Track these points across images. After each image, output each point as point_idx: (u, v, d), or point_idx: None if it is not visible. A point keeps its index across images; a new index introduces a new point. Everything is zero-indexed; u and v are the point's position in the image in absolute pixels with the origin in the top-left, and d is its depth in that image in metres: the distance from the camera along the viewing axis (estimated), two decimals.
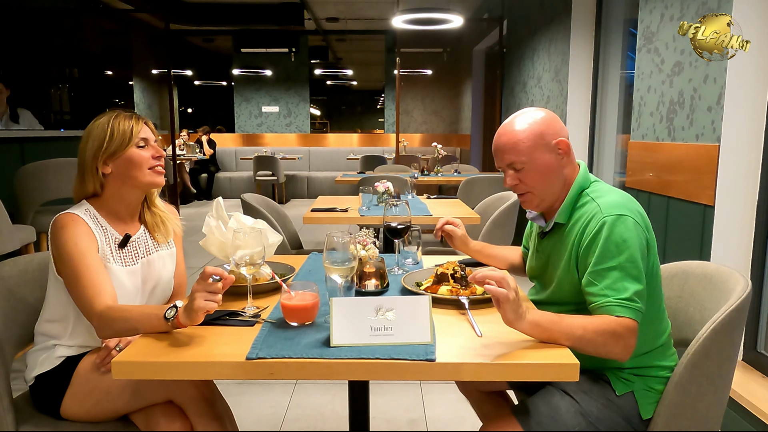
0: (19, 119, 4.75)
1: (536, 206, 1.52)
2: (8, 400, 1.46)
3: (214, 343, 1.23)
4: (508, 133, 1.48)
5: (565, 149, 1.46)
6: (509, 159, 1.47)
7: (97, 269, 1.45)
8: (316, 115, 15.39)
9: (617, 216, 1.35)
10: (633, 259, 1.31)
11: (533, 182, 1.47)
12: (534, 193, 1.49)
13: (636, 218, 1.36)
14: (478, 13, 8.31)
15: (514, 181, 1.49)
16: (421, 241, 1.93)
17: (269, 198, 3.53)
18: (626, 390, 1.41)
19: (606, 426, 1.38)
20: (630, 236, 1.33)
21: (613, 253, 1.32)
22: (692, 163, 2.48)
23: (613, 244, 1.33)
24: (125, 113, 1.58)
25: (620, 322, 1.27)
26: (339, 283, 1.35)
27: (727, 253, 2.31)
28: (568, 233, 1.46)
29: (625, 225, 1.34)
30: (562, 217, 1.48)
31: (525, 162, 1.45)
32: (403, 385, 2.76)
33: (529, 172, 1.46)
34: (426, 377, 1.18)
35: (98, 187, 1.57)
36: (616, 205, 1.38)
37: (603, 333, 1.27)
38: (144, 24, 9.72)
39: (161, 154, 1.59)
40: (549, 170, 1.46)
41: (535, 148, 1.44)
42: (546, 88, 5.07)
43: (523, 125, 1.47)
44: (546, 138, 1.45)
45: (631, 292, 1.29)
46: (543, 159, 1.45)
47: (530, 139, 1.44)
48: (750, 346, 2.30)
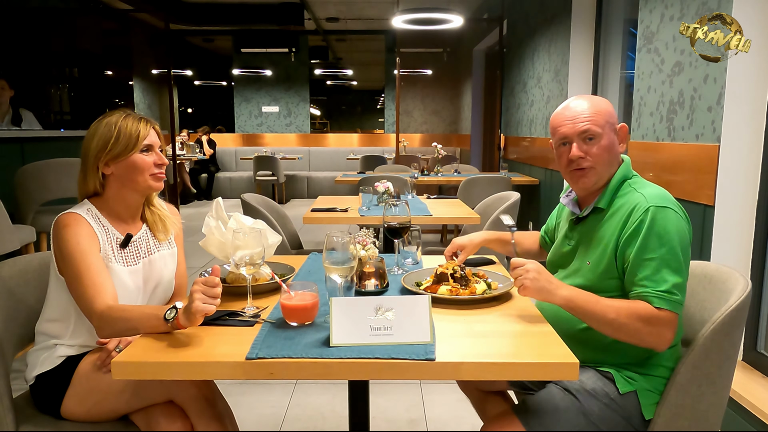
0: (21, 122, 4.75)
1: (593, 184, 1.50)
2: (8, 400, 1.46)
3: (214, 343, 1.23)
4: (587, 101, 1.49)
5: (624, 136, 1.51)
6: (585, 127, 1.46)
7: (98, 269, 1.45)
8: (316, 115, 15.40)
9: (662, 207, 1.37)
10: (674, 251, 1.33)
11: (599, 156, 1.46)
12: (596, 169, 1.48)
13: (679, 211, 1.38)
14: (478, 13, 8.32)
15: (580, 153, 1.47)
16: (421, 241, 1.93)
17: (269, 198, 3.53)
18: (629, 389, 1.41)
19: (607, 426, 1.38)
20: (673, 228, 1.35)
21: (655, 244, 1.34)
22: (692, 163, 2.48)
23: (655, 235, 1.34)
24: (135, 115, 1.58)
25: (657, 313, 1.30)
26: (339, 283, 1.35)
27: (727, 253, 2.31)
28: (608, 220, 1.47)
29: (668, 217, 1.36)
30: (603, 203, 1.49)
31: (599, 134, 1.46)
32: (403, 385, 2.76)
33: (599, 145, 1.46)
34: (426, 377, 1.18)
35: (98, 186, 1.57)
36: (660, 196, 1.40)
37: (637, 319, 1.30)
38: (144, 24, 9.73)
39: (164, 162, 1.60)
40: (612, 149, 1.48)
41: (607, 124, 1.47)
42: (546, 88, 5.07)
43: (598, 101, 1.50)
44: (614, 119, 1.49)
45: (671, 284, 1.31)
46: (610, 137, 1.48)
47: (607, 114, 1.48)
48: (750, 346, 2.30)
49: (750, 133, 2.24)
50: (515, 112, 6.22)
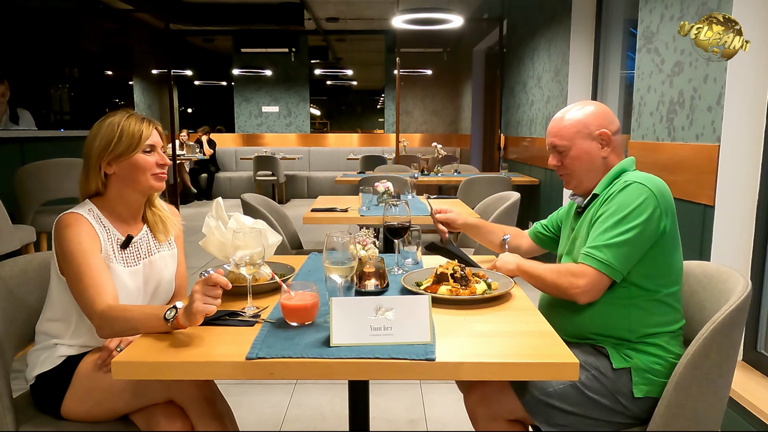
0: (18, 120, 4.75)
1: (574, 187, 1.67)
2: (8, 400, 1.46)
3: (214, 343, 1.23)
4: (558, 120, 1.64)
5: (607, 140, 1.59)
6: (553, 142, 1.63)
7: (99, 269, 1.45)
8: (316, 115, 15.39)
9: (638, 183, 1.45)
10: (628, 222, 1.42)
11: (571, 165, 1.61)
12: (571, 175, 1.63)
13: (656, 195, 1.44)
14: (478, 13, 8.32)
15: (556, 162, 1.65)
16: (421, 241, 1.93)
17: (269, 198, 3.53)
18: (624, 365, 1.44)
19: (591, 391, 1.42)
20: (636, 201, 1.43)
21: (616, 210, 1.45)
22: (692, 163, 2.48)
23: (617, 202, 1.45)
24: (138, 115, 1.58)
25: (579, 267, 1.45)
26: (339, 283, 1.35)
27: (727, 253, 2.31)
28: (601, 203, 1.55)
29: (639, 192, 1.44)
30: (599, 189, 1.58)
31: (566, 146, 1.60)
32: (403, 385, 2.76)
33: (567, 156, 1.61)
34: (426, 377, 1.18)
35: (101, 186, 1.57)
36: (646, 178, 1.48)
37: (562, 274, 1.47)
38: (144, 24, 9.72)
39: (166, 162, 1.60)
40: (588, 157, 1.59)
41: (577, 135, 1.59)
42: (546, 88, 5.07)
43: (571, 114, 1.62)
44: (590, 128, 1.59)
45: (602, 245, 1.43)
46: (583, 146, 1.59)
47: (575, 127, 1.59)
48: (750, 346, 2.30)
49: (750, 133, 2.24)
50: (515, 112, 6.22)
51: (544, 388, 1.42)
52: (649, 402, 1.43)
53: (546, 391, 1.41)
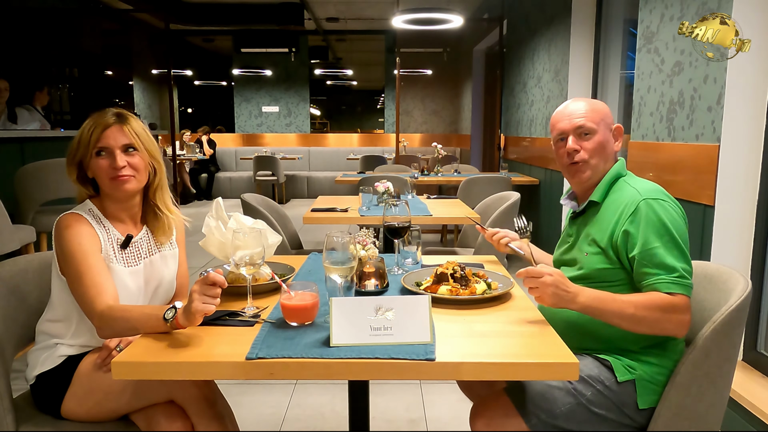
0: (17, 119, 4.75)
1: (587, 177, 1.58)
2: (8, 400, 1.46)
3: (214, 343, 1.23)
4: (584, 101, 1.59)
5: (619, 135, 1.59)
6: (580, 122, 1.55)
7: (99, 269, 1.45)
8: (316, 115, 15.38)
9: (655, 200, 1.42)
10: (674, 238, 1.38)
11: (593, 150, 1.55)
12: (590, 162, 1.56)
13: (672, 203, 1.43)
14: (478, 13, 8.31)
15: (576, 146, 1.55)
16: (421, 241, 1.93)
17: (269, 198, 3.53)
18: (628, 377, 1.42)
19: (597, 407, 1.40)
20: (667, 217, 1.40)
21: (655, 234, 1.39)
22: (692, 163, 2.48)
23: (652, 226, 1.39)
24: (100, 115, 1.53)
25: (671, 299, 1.34)
26: (339, 283, 1.35)
27: (727, 253, 2.31)
28: (603, 213, 1.52)
29: (663, 207, 1.41)
30: (597, 196, 1.55)
31: (593, 129, 1.55)
32: (403, 385, 2.76)
33: (592, 141, 1.55)
34: (426, 377, 1.18)
35: (88, 189, 1.58)
36: (653, 190, 1.46)
37: (655, 309, 1.34)
38: (144, 24, 9.72)
39: (117, 165, 1.49)
40: (606, 147, 1.56)
41: (603, 122, 1.56)
42: (546, 88, 5.07)
43: (595, 102, 1.60)
44: (610, 119, 1.59)
45: (679, 269, 1.36)
46: (605, 134, 1.56)
47: (603, 112, 1.57)
48: (750, 346, 2.30)
49: (750, 133, 2.24)
50: (515, 112, 6.22)
51: (551, 410, 1.39)
52: (654, 411, 1.42)
53: (552, 413, 1.39)
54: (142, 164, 1.55)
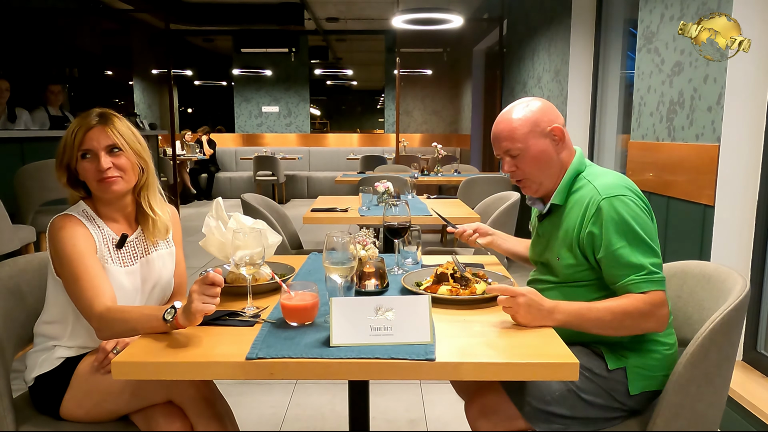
0: (16, 120, 4.75)
1: (534, 191, 1.58)
2: (8, 401, 1.46)
3: (213, 344, 1.23)
4: (505, 122, 1.54)
5: (559, 135, 1.52)
6: (506, 146, 1.52)
7: (95, 270, 1.44)
8: (316, 115, 15.39)
9: (615, 196, 1.41)
10: (638, 236, 1.37)
11: (529, 168, 1.52)
12: (530, 179, 1.55)
13: (633, 197, 1.42)
14: (478, 13, 8.31)
15: (512, 167, 1.54)
16: (421, 241, 1.93)
17: (269, 198, 3.53)
18: (619, 365, 1.44)
19: (586, 393, 1.42)
20: (631, 214, 1.38)
21: (619, 233, 1.38)
22: (692, 163, 2.48)
23: (616, 224, 1.38)
24: (83, 117, 1.52)
25: (646, 298, 1.34)
26: (339, 283, 1.35)
27: (726, 253, 2.31)
28: (567, 215, 1.51)
29: (625, 204, 1.39)
30: (558, 199, 1.53)
31: (520, 149, 1.51)
32: (403, 385, 2.76)
33: (524, 159, 1.52)
34: (426, 377, 1.18)
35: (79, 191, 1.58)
36: (612, 186, 1.44)
37: (631, 313, 1.34)
38: (144, 24, 9.72)
39: (102, 167, 1.48)
40: (544, 156, 1.51)
41: (529, 135, 1.50)
42: (546, 88, 5.07)
43: (518, 114, 1.52)
44: (541, 125, 1.50)
45: (647, 265, 1.35)
46: (537, 145, 1.50)
47: (525, 127, 1.50)
48: (750, 346, 2.30)
49: (750, 133, 2.24)
50: None
51: (542, 396, 1.41)
52: (645, 395, 1.44)
53: (544, 399, 1.41)
54: (128, 164, 1.53)
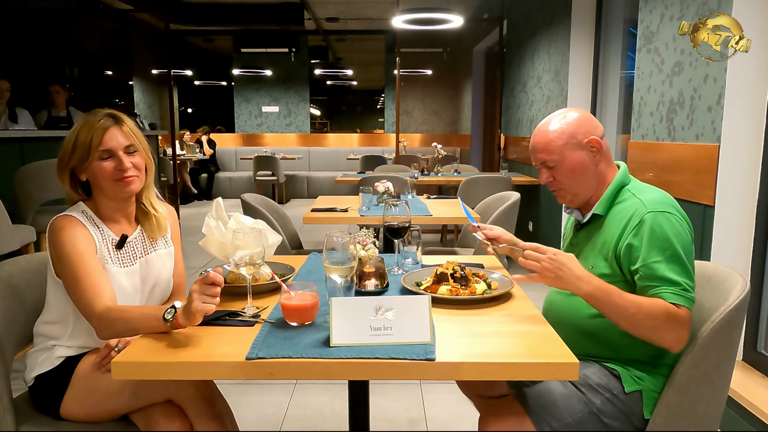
0: (18, 119, 4.75)
1: (570, 201, 1.59)
2: (8, 400, 1.46)
3: (213, 344, 1.23)
4: (542, 134, 1.55)
5: (597, 147, 1.52)
6: (542, 158, 1.55)
7: (95, 270, 1.45)
8: (316, 115, 15.38)
9: (660, 212, 1.40)
10: (677, 254, 1.36)
11: (565, 179, 1.54)
12: (566, 190, 1.56)
13: (678, 216, 1.41)
14: (478, 13, 8.31)
15: (548, 178, 1.56)
16: (421, 241, 1.93)
17: (269, 198, 3.53)
18: (636, 388, 1.42)
19: (607, 417, 1.40)
20: (672, 232, 1.37)
21: (659, 248, 1.36)
22: (692, 163, 2.48)
23: (658, 239, 1.37)
24: (98, 116, 1.52)
25: (674, 309, 1.32)
26: (339, 283, 1.35)
27: (726, 253, 2.31)
28: (607, 225, 1.50)
29: (668, 221, 1.38)
30: (600, 209, 1.53)
31: (557, 161, 1.52)
32: (403, 385, 2.76)
33: (560, 170, 1.53)
34: (426, 377, 1.18)
35: (80, 192, 1.58)
36: (658, 201, 1.43)
37: (657, 316, 1.32)
38: (144, 24, 9.72)
39: (125, 167, 1.50)
40: (581, 168, 1.52)
41: (566, 147, 1.51)
42: (546, 88, 5.07)
43: (555, 125, 1.54)
44: (577, 137, 1.51)
45: (682, 283, 1.34)
46: (574, 157, 1.51)
47: (561, 139, 1.51)
48: (750, 346, 2.30)
49: (750, 133, 2.24)
50: (515, 112, 6.22)
51: (563, 418, 1.39)
52: None
53: (564, 421, 1.39)
54: (143, 163, 1.57)
